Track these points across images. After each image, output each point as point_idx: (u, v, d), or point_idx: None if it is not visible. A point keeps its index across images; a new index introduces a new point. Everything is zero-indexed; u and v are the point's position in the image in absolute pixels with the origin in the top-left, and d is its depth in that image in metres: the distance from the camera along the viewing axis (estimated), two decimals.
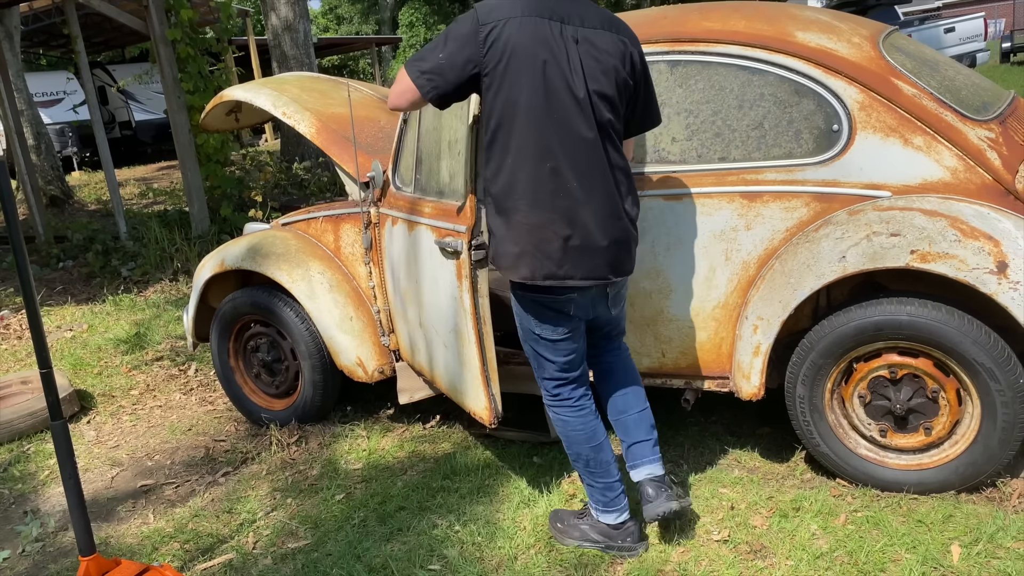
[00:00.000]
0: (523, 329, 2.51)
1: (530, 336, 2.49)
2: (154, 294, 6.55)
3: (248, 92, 3.93)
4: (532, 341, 2.49)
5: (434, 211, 2.86)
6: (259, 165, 11.64)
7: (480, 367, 2.67)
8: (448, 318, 2.80)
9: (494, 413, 2.70)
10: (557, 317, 2.39)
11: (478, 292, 2.59)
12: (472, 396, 2.77)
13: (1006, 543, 2.38)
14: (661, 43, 2.84)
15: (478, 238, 2.55)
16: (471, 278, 2.58)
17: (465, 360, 2.74)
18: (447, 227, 2.73)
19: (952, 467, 2.60)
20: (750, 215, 2.75)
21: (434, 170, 2.92)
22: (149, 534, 3.00)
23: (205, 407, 4.22)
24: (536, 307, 2.40)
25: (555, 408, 2.55)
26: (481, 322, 2.61)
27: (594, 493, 2.56)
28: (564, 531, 2.63)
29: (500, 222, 2.31)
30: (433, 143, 2.94)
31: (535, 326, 2.44)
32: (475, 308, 2.60)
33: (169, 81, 7.50)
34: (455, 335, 2.78)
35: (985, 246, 2.41)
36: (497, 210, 2.31)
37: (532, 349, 2.52)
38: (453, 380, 2.92)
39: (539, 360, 2.51)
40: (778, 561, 2.43)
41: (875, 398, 2.67)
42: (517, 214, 2.26)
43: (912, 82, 2.65)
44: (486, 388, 2.68)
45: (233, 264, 3.70)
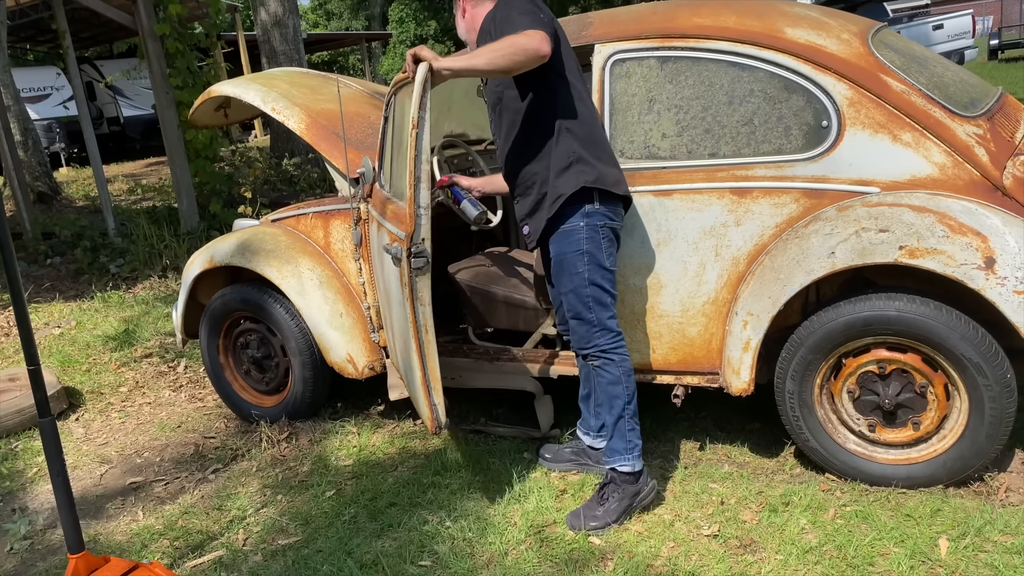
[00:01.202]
0: (592, 269, 2.62)
1: (599, 273, 2.63)
2: (143, 291, 6.52)
3: (237, 87, 3.91)
4: (600, 278, 2.63)
5: (392, 214, 2.84)
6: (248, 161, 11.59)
7: (421, 375, 2.64)
8: (401, 324, 2.79)
9: (436, 423, 2.68)
10: (616, 243, 2.69)
11: (418, 300, 2.55)
12: (420, 403, 2.76)
13: (993, 537, 2.40)
14: (651, 39, 2.84)
15: (417, 246, 2.50)
16: (410, 286, 2.55)
17: (413, 367, 2.72)
18: (395, 232, 2.71)
19: (940, 461, 2.62)
20: (740, 211, 2.76)
21: (397, 171, 2.90)
22: (138, 531, 2.99)
23: (195, 404, 4.21)
24: (608, 234, 2.64)
25: (617, 348, 2.67)
26: (422, 330, 2.58)
27: (634, 438, 2.70)
28: (602, 517, 2.67)
29: (591, 155, 2.60)
30: (398, 143, 2.91)
31: (605, 257, 2.64)
32: (415, 316, 2.57)
33: (157, 77, 7.46)
34: (405, 341, 2.76)
35: (973, 242, 2.42)
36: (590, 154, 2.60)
37: (599, 289, 2.64)
38: (409, 383, 2.92)
39: (604, 298, 2.65)
40: (768, 555, 2.44)
41: (864, 393, 2.68)
42: (601, 147, 2.63)
43: (901, 79, 2.65)
44: (427, 397, 2.66)
45: (222, 260, 3.69)
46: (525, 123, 2.64)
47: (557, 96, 2.58)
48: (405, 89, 2.88)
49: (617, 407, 2.68)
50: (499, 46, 2.38)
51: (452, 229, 3.69)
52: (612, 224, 2.65)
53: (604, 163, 2.61)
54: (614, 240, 2.68)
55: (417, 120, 2.41)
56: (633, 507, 2.70)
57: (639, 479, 2.71)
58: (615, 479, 2.71)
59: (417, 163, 2.45)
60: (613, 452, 2.71)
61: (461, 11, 2.75)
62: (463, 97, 4.00)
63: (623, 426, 2.68)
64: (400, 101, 2.95)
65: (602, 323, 2.66)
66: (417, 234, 2.51)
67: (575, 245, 2.62)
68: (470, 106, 4.04)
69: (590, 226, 2.60)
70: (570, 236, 2.62)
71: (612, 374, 2.67)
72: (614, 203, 2.65)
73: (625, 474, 2.69)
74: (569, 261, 2.64)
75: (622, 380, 2.67)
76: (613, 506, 2.67)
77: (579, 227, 2.61)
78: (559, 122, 2.59)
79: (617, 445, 2.70)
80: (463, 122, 4.14)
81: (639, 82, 2.86)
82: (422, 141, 2.44)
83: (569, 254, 2.64)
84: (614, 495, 2.69)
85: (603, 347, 2.67)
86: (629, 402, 2.68)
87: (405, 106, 2.80)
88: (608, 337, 2.67)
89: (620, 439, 2.69)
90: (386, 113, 3.23)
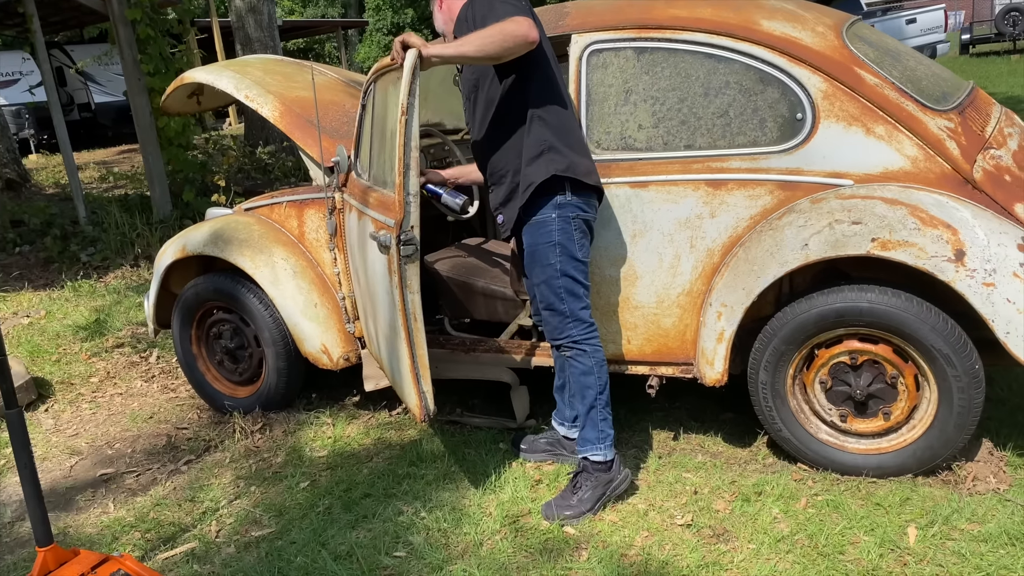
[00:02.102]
0: (564, 260, 2.62)
1: (571, 264, 2.64)
2: (114, 280, 6.44)
3: (210, 74, 3.86)
4: (572, 269, 2.64)
5: (376, 202, 2.83)
6: (222, 149, 11.46)
7: (410, 363, 2.64)
8: (386, 312, 2.78)
9: (424, 410, 2.68)
10: (588, 234, 2.69)
11: (407, 287, 2.56)
12: (406, 391, 2.75)
13: (960, 525, 2.43)
14: (628, 30, 2.84)
15: (407, 233, 2.51)
16: (400, 273, 2.55)
17: (400, 355, 2.71)
18: (382, 220, 2.70)
19: (910, 451, 2.65)
20: (715, 203, 2.77)
21: (381, 159, 2.89)
22: (109, 524, 2.95)
23: (167, 395, 4.17)
24: (580, 225, 2.64)
25: (589, 339, 2.69)
26: (411, 318, 2.59)
27: (606, 428, 2.71)
28: (576, 507, 2.67)
29: (563, 144, 2.60)
30: (380, 131, 2.90)
31: (577, 249, 2.64)
32: (404, 304, 2.57)
33: (129, 63, 7.34)
34: (392, 329, 2.76)
35: (944, 234, 2.45)
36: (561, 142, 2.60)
37: (571, 280, 2.65)
38: (393, 372, 2.91)
39: (577, 289, 2.66)
40: (740, 545, 2.47)
41: (836, 384, 2.71)
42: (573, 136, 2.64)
43: (875, 72, 2.67)
44: (416, 385, 2.66)
45: (195, 250, 3.65)
46: (498, 112, 2.64)
47: (531, 85, 2.59)
48: (387, 76, 2.86)
49: (589, 397, 2.69)
50: (488, 33, 2.38)
51: (429, 219, 3.68)
52: (584, 215, 2.65)
53: (576, 152, 2.62)
54: (587, 231, 2.68)
55: (406, 107, 2.42)
56: (607, 496, 2.71)
57: (612, 468, 2.73)
58: (588, 468, 2.72)
59: (407, 150, 2.45)
60: (585, 441, 2.72)
61: (438, 3, 2.74)
62: (439, 86, 3.98)
63: (595, 416, 2.70)
64: (382, 88, 2.92)
65: (574, 314, 2.67)
66: (407, 221, 2.51)
67: (547, 236, 2.62)
68: (446, 95, 4.02)
69: (562, 217, 2.61)
70: (542, 227, 2.63)
71: (584, 364, 2.68)
72: (587, 194, 2.65)
73: (598, 463, 2.71)
74: (541, 252, 2.64)
75: (594, 370, 2.68)
76: (587, 495, 2.68)
77: (551, 218, 2.61)
78: (532, 111, 2.59)
79: (589, 435, 2.71)
80: (439, 111, 4.12)
81: (616, 73, 2.86)
82: (411, 128, 2.44)
83: (541, 245, 2.64)
84: (587, 484, 2.70)
85: (575, 338, 2.68)
86: (601, 392, 2.70)
87: (388, 93, 2.79)
88: (580, 328, 2.67)
89: (592, 429, 2.71)
90: (364, 101, 3.20)
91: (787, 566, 2.34)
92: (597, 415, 2.70)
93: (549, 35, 2.95)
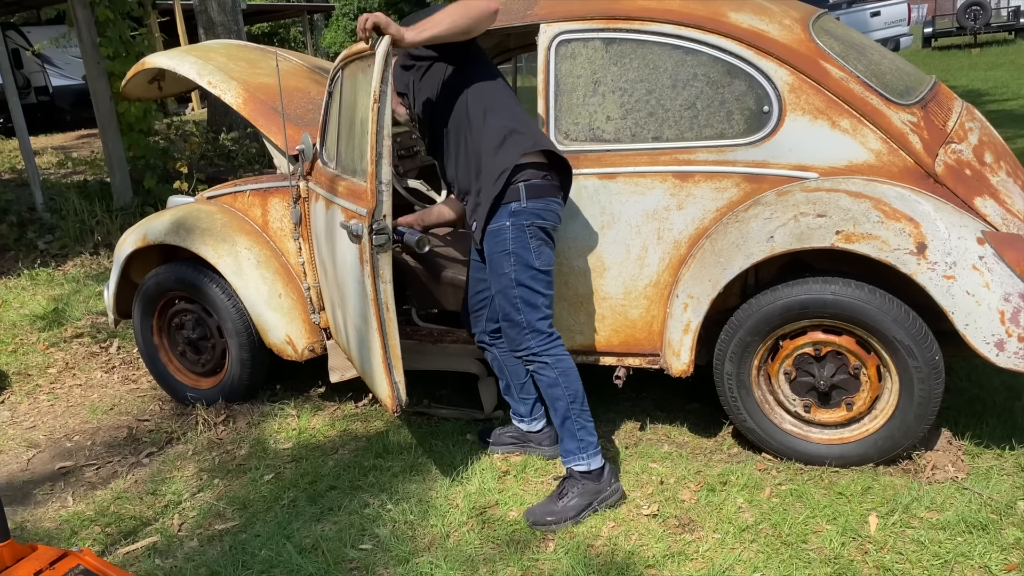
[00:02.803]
0: (519, 269, 2.57)
1: (527, 274, 2.58)
2: (73, 268, 6.30)
3: (172, 60, 3.78)
4: (529, 279, 2.58)
5: (346, 191, 2.80)
6: (184, 135, 11.25)
7: (382, 353, 2.62)
8: (357, 302, 2.76)
9: (396, 401, 2.65)
10: (548, 242, 2.62)
11: (379, 277, 2.53)
12: (377, 382, 2.73)
13: (920, 513, 2.48)
14: (596, 20, 2.83)
15: (379, 222, 2.49)
16: (372, 263, 2.53)
17: (371, 345, 2.69)
18: (353, 209, 2.68)
19: (871, 441, 2.69)
20: (682, 195, 2.78)
21: (350, 148, 2.86)
22: (68, 518, 2.90)
23: (128, 386, 4.09)
24: (537, 233, 2.57)
25: (549, 349, 2.62)
26: (383, 308, 2.56)
27: (585, 436, 2.64)
28: (560, 513, 2.60)
29: (522, 126, 2.60)
30: (349, 119, 2.87)
31: (535, 257, 2.58)
32: (376, 293, 2.55)
33: (88, 46, 7.16)
34: (363, 320, 2.73)
35: (906, 227, 2.48)
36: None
37: (528, 289, 2.58)
38: (363, 363, 2.88)
39: (534, 298, 2.60)
40: (705, 534, 2.49)
41: (800, 375, 2.74)
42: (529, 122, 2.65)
43: (840, 65, 2.69)
44: (388, 375, 2.63)
45: (156, 238, 3.58)
46: (454, 126, 2.64)
47: (475, 85, 2.60)
48: (356, 63, 2.82)
49: (560, 408, 2.63)
50: (455, 10, 2.41)
51: (395, 209, 3.64)
52: (542, 223, 2.58)
53: (536, 131, 2.62)
54: (546, 239, 2.61)
55: (379, 94, 2.39)
56: (593, 507, 2.63)
57: (600, 478, 2.65)
58: (571, 474, 2.66)
59: (379, 138, 2.43)
60: (567, 453, 2.66)
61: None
62: None
63: (571, 427, 2.63)
64: (350, 75, 2.88)
65: (531, 325, 2.60)
66: (379, 210, 2.49)
67: (501, 245, 2.57)
68: None
69: (516, 225, 2.55)
70: (497, 236, 2.58)
71: (548, 377, 2.62)
72: (547, 199, 2.58)
73: (583, 473, 2.64)
74: (496, 261, 2.60)
75: (559, 381, 2.61)
76: (571, 503, 2.61)
77: (505, 227, 2.56)
78: (483, 109, 2.59)
79: (569, 446, 2.65)
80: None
81: (584, 63, 2.85)
82: (384, 116, 2.42)
83: (496, 254, 2.59)
84: (572, 491, 2.63)
85: (534, 350, 2.62)
86: (573, 401, 2.62)
87: (357, 80, 2.75)
88: (539, 339, 2.61)
89: (570, 439, 2.64)
90: (331, 88, 3.16)
91: (751, 555, 2.37)
92: (573, 425, 2.63)
93: (517, 24, 2.94)
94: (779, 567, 2.31)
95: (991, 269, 2.45)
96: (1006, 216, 2.65)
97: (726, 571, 2.31)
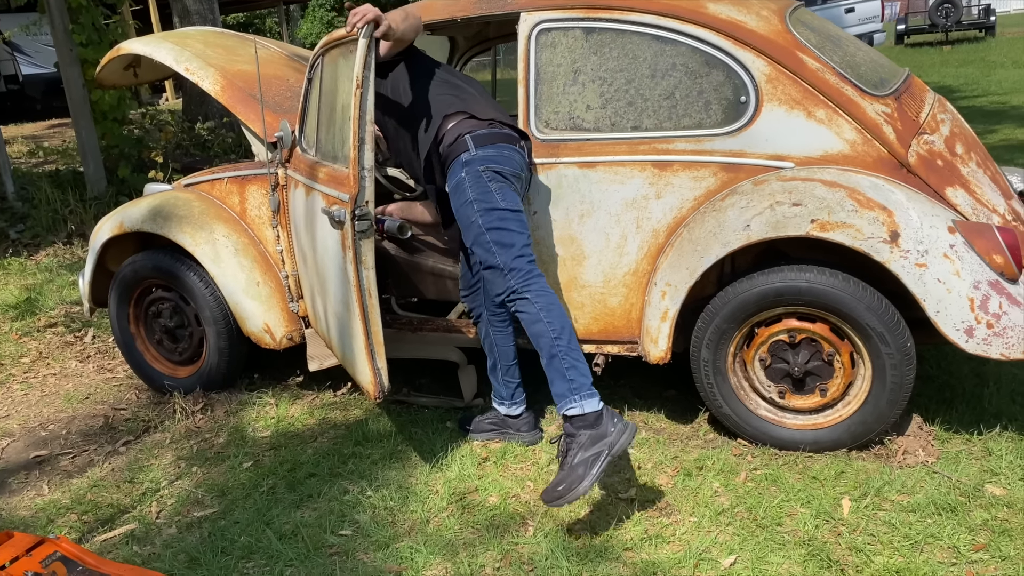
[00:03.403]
0: (484, 214, 2.58)
1: (494, 216, 2.58)
2: (46, 258, 6.23)
3: (148, 46, 3.75)
4: (497, 221, 2.58)
5: (327, 177, 2.81)
6: (159, 124, 11.14)
7: (364, 340, 2.62)
8: (338, 289, 2.76)
9: (379, 387, 2.65)
10: (510, 183, 2.64)
11: (362, 263, 2.55)
12: (359, 369, 2.74)
13: (891, 496, 2.53)
14: (577, 9, 2.84)
15: (362, 208, 2.50)
16: (355, 249, 2.53)
17: (353, 332, 2.69)
18: (334, 195, 2.68)
19: (844, 426, 2.74)
20: (660, 184, 2.80)
21: (330, 134, 2.86)
22: (44, 506, 2.88)
23: (103, 375, 4.06)
24: (494, 176, 2.61)
25: (530, 285, 2.56)
26: (365, 294, 2.57)
27: (576, 376, 2.47)
28: (568, 481, 2.36)
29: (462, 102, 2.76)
30: (329, 106, 2.87)
31: (499, 199, 2.59)
32: (359, 280, 2.56)
33: (60, 33, 7.06)
34: (344, 306, 2.74)
35: (879, 216, 2.53)
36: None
37: (498, 231, 2.58)
38: (344, 351, 2.89)
39: (510, 237, 2.58)
40: (682, 518, 2.52)
41: (775, 361, 2.78)
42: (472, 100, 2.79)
43: (816, 56, 2.73)
44: (371, 361, 2.64)
45: (133, 226, 3.55)
46: (403, 129, 2.84)
47: (414, 81, 2.79)
48: (337, 49, 2.82)
49: (545, 346, 2.50)
50: (410, 17, 2.64)
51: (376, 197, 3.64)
52: (497, 167, 2.62)
53: (475, 106, 2.75)
54: (507, 181, 2.63)
55: (362, 80, 2.42)
56: (606, 457, 2.37)
57: (599, 422, 2.42)
58: (569, 430, 2.46)
59: (361, 124, 2.45)
60: (559, 397, 2.48)
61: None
62: None
63: (558, 365, 2.47)
64: (331, 61, 2.89)
65: (508, 264, 2.57)
66: (361, 196, 2.50)
67: (462, 197, 2.63)
68: None
69: (471, 173, 2.61)
70: (456, 190, 2.66)
71: (529, 312, 2.53)
72: (497, 145, 2.65)
73: (576, 417, 2.44)
74: (462, 214, 2.64)
75: (542, 317, 2.51)
76: (576, 460, 2.37)
77: (462, 179, 2.63)
78: (429, 101, 2.75)
79: (559, 387, 2.48)
80: None
81: (564, 52, 2.86)
82: (367, 101, 2.44)
83: (460, 208, 2.65)
84: (573, 447, 2.41)
85: (514, 287, 2.56)
86: (558, 337, 2.48)
87: (338, 66, 2.76)
88: (518, 276, 2.56)
89: (559, 380, 2.48)
90: (310, 75, 3.15)
91: (727, 538, 2.41)
92: (560, 364, 2.47)
93: (497, 13, 2.95)
94: (754, 549, 2.35)
95: (961, 257, 2.50)
96: (976, 206, 2.70)
97: (702, 554, 2.35)
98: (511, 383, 3.00)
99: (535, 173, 2.89)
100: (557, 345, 2.49)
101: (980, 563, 2.22)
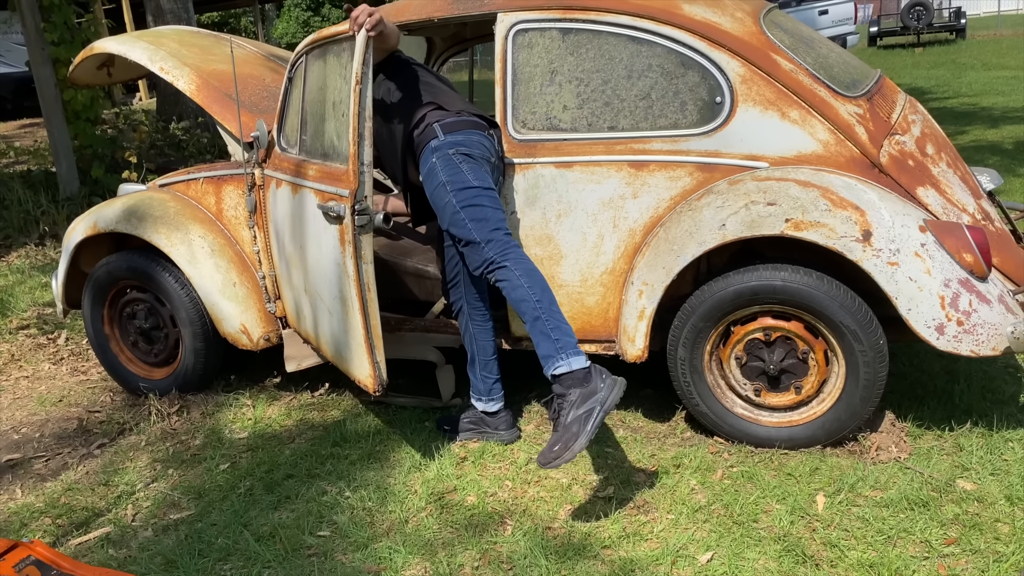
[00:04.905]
0: (457, 193, 2.65)
1: (467, 194, 2.65)
2: (17, 259, 6.14)
3: (122, 45, 3.71)
4: (471, 198, 2.64)
5: (318, 174, 2.80)
6: (133, 124, 11.02)
7: (364, 334, 2.64)
8: (332, 284, 2.76)
9: (378, 381, 2.68)
10: (480, 164, 2.70)
11: (362, 258, 2.56)
12: (356, 364, 2.74)
13: (865, 492, 2.57)
14: (554, 10, 2.85)
15: (362, 203, 2.53)
16: (354, 244, 2.55)
17: (349, 327, 2.70)
18: (331, 191, 2.68)
19: (819, 423, 2.77)
20: (637, 184, 2.82)
21: (320, 132, 2.86)
22: (17, 510, 2.84)
23: (77, 377, 4.02)
24: (464, 158, 2.68)
25: (508, 254, 2.60)
26: (365, 288, 2.59)
27: (561, 336, 2.51)
28: (563, 440, 2.40)
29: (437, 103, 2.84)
30: (318, 104, 2.87)
31: (471, 178, 2.66)
32: (359, 274, 2.57)
33: (31, 31, 6.97)
34: (339, 302, 2.74)
35: (852, 215, 2.56)
36: None
37: (472, 207, 2.64)
38: (338, 347, 2.88)
39: (484, 212, 2.64)
40: (660, 515, 2.54)
41: (751, 359, 2.81)
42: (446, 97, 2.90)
43: (790, 58, 2.76)
44: (370, 356, 2.65)
45: (107, 227, 3.52)
46: (385, 121, 2.88)
47: (402, 85, 2.86)
48: (326, 47, 2.83)
49: (528, 310, 2.54)
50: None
51: None
52: (466, 150, 2.70)
53: (444, 99, 2.84)
54: (477, 161, 2.71)
55: (360, 76, 2.46)
56: (597, 413, 2.41)
57: (588, 378, 2.45)
58: (558, 390, 2.49)
59: (360, 120, 2.48)
60: (546, 358, 2.52)
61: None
62: None
63: (542, 327, 2.53)
64: (318, 59, 2.89)
65: (485, 237, 2.62)
66: (361, 191, 2.53)
67: (435, 180, 2.70)
68: None
69: (441, 157, 2.69)
70: (429, 176, 2.72)
71: (509, 280, 2.58)
72: (465, 131, 2.73)
73: (565, 376, 2.47)
74: (436, 197, 2.71)
75: (523, 283, 2.56)
76: (570, 418, 2.42)
77: (433, 164, 2.71)
78: (406, 101, 2.82)
79: (545, 348, 2.53)
80: None
81: (541, 53, 2.88)
82: (365, 98, 2.48)
83: (434, 192, 2.71)
84: (565, 409, 2.45)
85: (492, 258, 2.60)
86: (540, 300, 2.54)
87: (328, 64, 2.79)
88: (496, 247, 2.61)
89: (545, 341, 2.53)
90: (291, 74, 3.14)
91: (704, 534, 2.43)
92: (544, 326, 2.52)
93: (474, 14, 2.95)
94: (731, 545, 2.37)
95: (932, 256, 2.54)
96: (946, 205, 2.75)
97: (680, 550, 2.37)
98: (489, 379, 3.00)
99: (513, 173, 2.90)
100: (539, 307, 2.54)
101: (952, 557, 2.26)
